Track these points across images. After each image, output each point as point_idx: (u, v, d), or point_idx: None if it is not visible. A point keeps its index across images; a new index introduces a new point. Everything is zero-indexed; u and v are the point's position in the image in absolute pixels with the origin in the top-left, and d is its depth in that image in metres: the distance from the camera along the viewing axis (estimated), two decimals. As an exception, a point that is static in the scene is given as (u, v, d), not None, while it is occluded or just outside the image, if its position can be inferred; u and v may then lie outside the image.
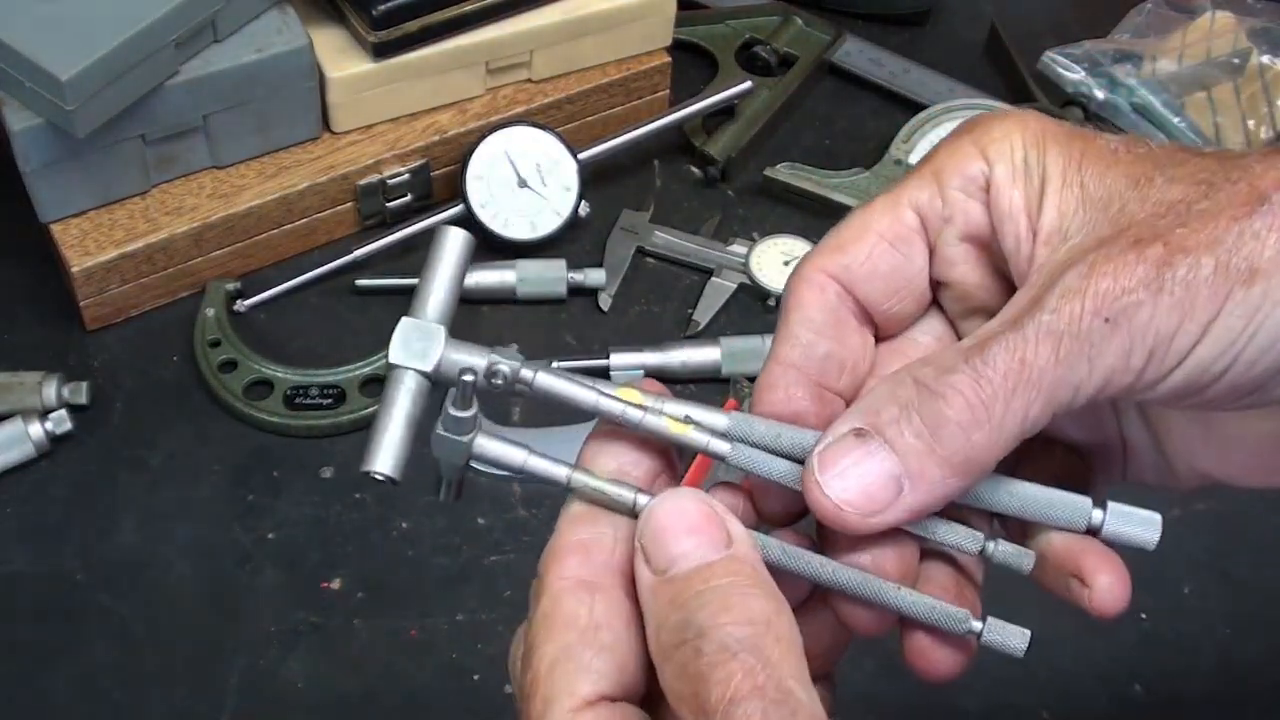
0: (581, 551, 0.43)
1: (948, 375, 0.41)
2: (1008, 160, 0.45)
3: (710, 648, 0.38)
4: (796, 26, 1.22)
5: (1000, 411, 0.40)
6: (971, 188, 0.46)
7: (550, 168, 1.07)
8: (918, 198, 0.47)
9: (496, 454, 0.45)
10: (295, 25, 1.00)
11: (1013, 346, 0.40)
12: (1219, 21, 1.24)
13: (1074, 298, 0.40)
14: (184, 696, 0.85)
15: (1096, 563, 0.44)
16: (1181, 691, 0.87)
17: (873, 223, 0.47)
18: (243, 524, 0.92)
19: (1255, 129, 1.20)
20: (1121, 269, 0.40)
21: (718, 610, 0.39)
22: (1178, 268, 0.40)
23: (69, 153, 0.94)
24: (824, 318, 0.46)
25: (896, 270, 0.47)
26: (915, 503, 0.42)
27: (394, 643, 0.87)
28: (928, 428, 0.41)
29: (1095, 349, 0.40)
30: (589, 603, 0.42)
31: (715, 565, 0.41)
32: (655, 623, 0.41)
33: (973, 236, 0.46)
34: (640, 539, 0.42)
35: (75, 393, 0.95)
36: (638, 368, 0.99)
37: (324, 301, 1.05)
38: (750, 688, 0.37)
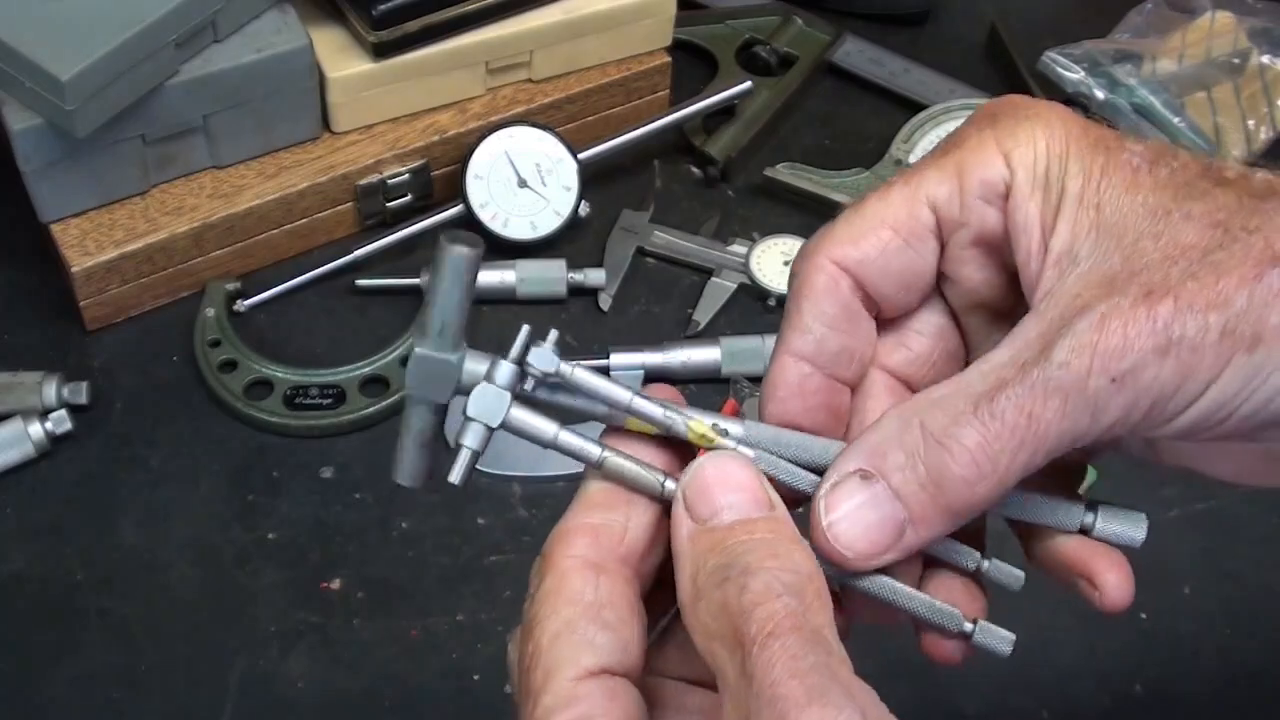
0: (591, 534, 0.44)
1: (955, 428, 0.42)
2: (1029, 169, 0.45)
3: (756, 585, 0.39)
4: (796, 26, 1.22)
5: (1005, 464, 0.41)
6: (990, 194, 0.46)
7: (550, 168, 1.07)
8: (936, 194, 0.47)
9: (530, 426, 0.46)
10: (295, 25, 1.00)
11: (1021, 401, 0.41)
12: (1219, 21, 1.24)
13: (1084, 353, 0.41)
14: (184, 696, 0.85)
15: (1104, 564, 0.46)
16: (1181, 691, 0.87)
17: (888, 215, 0.47)
18: (243, 524, 0.92)
19: (1255, 129, 1.20)
20: (1131, 326, 0.40)
21: (765, 556, 0.40)
22: (1186, 328, 0.40)
23: (69, 153, 0.94)
24: (837, 311, 0.47)
25: (908, 266, 0.47)
26: (916, 543, 0.43)
27: (394, 643, 0.87)
28: (932, 480, 0.42)
29: (1100, 407, 0.41)
30: (594, 582, 0.43)
31: (758, 521, 0.42)
32: (692, 566, 0.42)
33: (984, 241, 0.47)
34: (684, 490, 0.43)
35: (75, 393, 0.95)
36: (638, 367, 0.99)
37: (324, 301, 1.05)
38: (791, 625, 0.38)
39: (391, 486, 0.45)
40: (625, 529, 0.45)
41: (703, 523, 0.42)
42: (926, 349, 0.50)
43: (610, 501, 0.45)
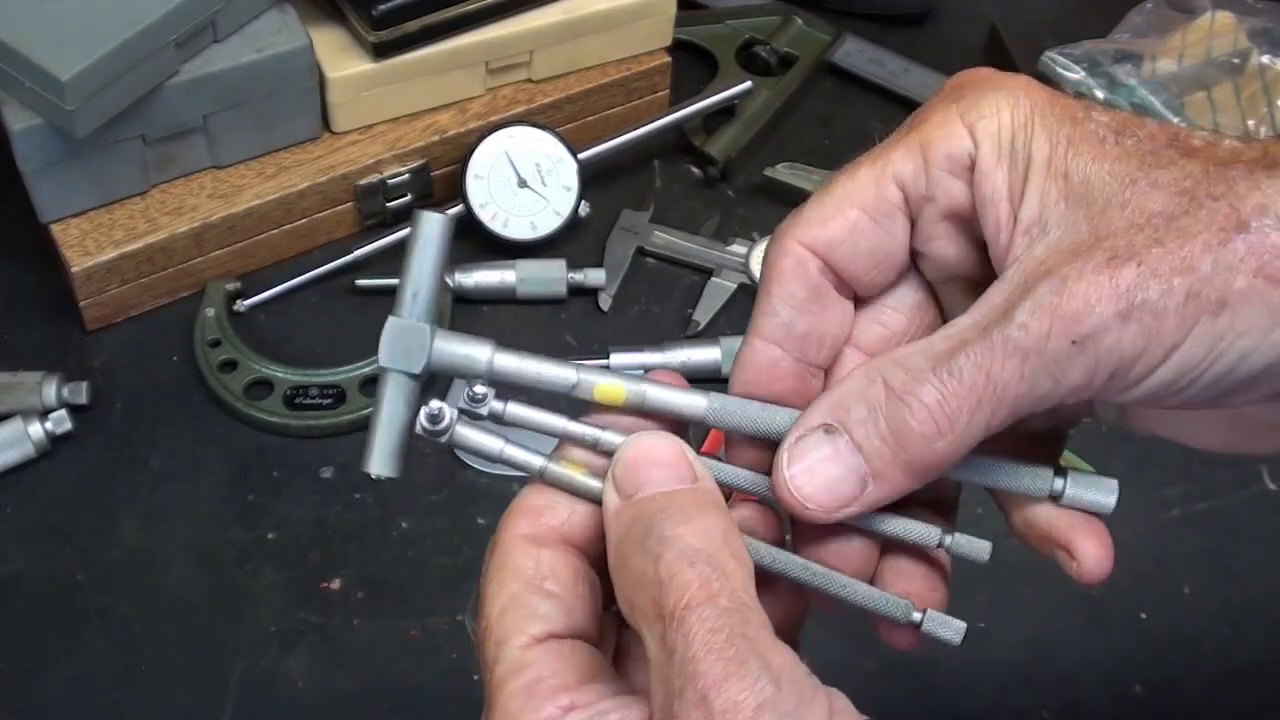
0: (534, 514, 0.46)
1: (915, 384, 0.42)
2: (994, 140, 0.45)
3: (670, 554, 0.40)
4: (796, 26, 1.22)
5: (964, 423, 0.42)
6: (956, 167, 0.46)
7: (550, 168, 1.07)
8: (902, 171, 0.47)
9: (475, 442, 0.47)
10: (295, 25, 1.00)
11: (979, 360, 0.41)
12: (1219, 21, 1.24)
13: (1044, 315, 0.41)
14: (184, 696, 0.85)
15: (1082, 534, 0.46)
16: (1181, 691, 0.87)
17: (855, 195, 0.47)
18: (243, 524, 0.92)
19: (1255, 129, 1.20)
20: (1093, 290, 0.41)
21: (679, 521, 0.41)
22: (1149, 292, 0.40)
23: (69, 153, 0.94)
24: (806, 294, 0.47)
25: (878, 245, 0.47)
26: (877, 498, 0.44)
27: (394, 643, 0.87)
28: (892, 434, 0.42)
29: (1060, 368, 0.41)
30: (535, 556, 0.45)
31: (680, 492, 0.43)
32: (616, 538, 0.43)
33: (954, 214, 0.46)
34: (612, 470, 0.44)
35: (75, 393, 0.95)
36: (638, 367, 0.99)
37: (324, 301, 1.05)
38: (706, 595, 0.39)
39: (391, 486, 0.46)
40: (569, 510, 0.46)
41: (628, 498, 0.43)
42: (902, 325, 0.50)
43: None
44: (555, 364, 0.46)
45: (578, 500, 0.46)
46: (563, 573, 0.45)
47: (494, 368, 0.46)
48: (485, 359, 0.46)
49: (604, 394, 0.46)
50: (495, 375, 0.46)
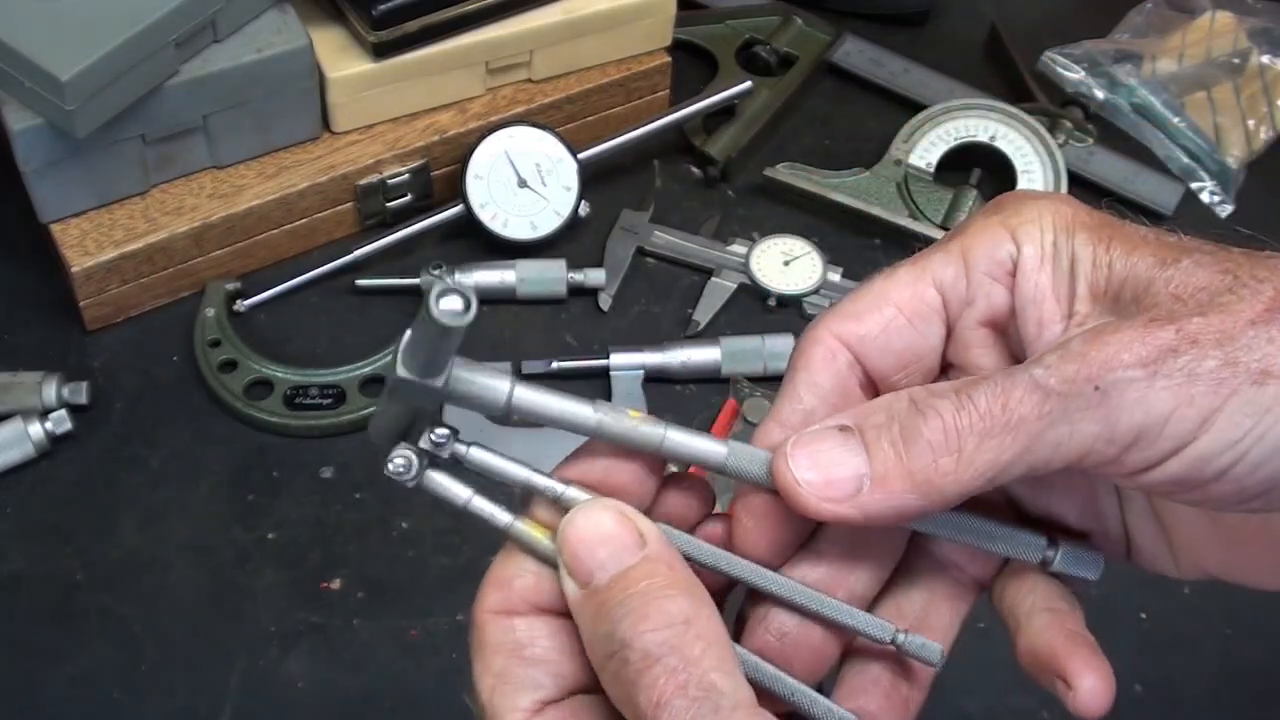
0: (504, 587, 0.46)
1: (935, 399, 0.42)
2: (1036, 243, 0.44)
3: (635, 656, 0.40)
4: (796, 26, 1.22)
5: (972, 446, 0.41)
6: (998, 271, 0.45)
7: (550, 168, 1.07)
8: (942, 275, 0.46)
9: (443, 490, 0.47)
10: (295, 25, 1.00)
11: (999, 390, 0.41)
12: (1219, 21, 1.25)
13: (1072, 360, 0.40)
14: (184, 696, 0.85)
15: (1081, 665, 0.45)
16: (1181, 691, 0.87)
17: (893, 294, 0.46)
18: (243, 524, 0.92)
19: (1255, 129, 1.20)
20: (1125, 343, 0.40)
21: (637, 620, 0.41)
22: (1181, 355, 0.39)
23: (69, 153, 0.94)
24: (830, 384, 0.46)
25: (911, 345, 0.46)
26: (870, 505, 0.42)
27: (394, 643, 0.87)
28: (903, 439, 0.42)
29: (1079, 413, 0.40)
30: (511, 627, 0.45)
31: (632, 571, 0.42)
32: (587, 636, 0.43)
33: (993, 321, 0.46)
34: (560, 556, 0.44)
35: (75, 393, 0.95)
36: (638, 367, 0.99)
37: (324, 301, 1.05)
38: (674, 688, 0.39)
39: (391, 486, 0.46)
40: (536, 576, 0.46)
41: (585, 588, 0.43)
42: None
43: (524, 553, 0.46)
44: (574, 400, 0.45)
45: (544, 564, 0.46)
46: (542, 636, 0.45)
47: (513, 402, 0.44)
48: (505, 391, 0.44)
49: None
50: (514, 409, 0.45)
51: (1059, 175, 1.11)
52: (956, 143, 1.13)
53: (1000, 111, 1.14)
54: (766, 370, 1.00)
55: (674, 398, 1.00)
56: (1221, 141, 1.18)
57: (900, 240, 1.10)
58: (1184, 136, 1.18)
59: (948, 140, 1.13)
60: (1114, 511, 0.49)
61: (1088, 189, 1.15)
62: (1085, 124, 1.16)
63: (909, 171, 1.12)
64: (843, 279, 1.06)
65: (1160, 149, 1.19)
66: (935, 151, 1.13)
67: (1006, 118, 1.14)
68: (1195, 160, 1.18)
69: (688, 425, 0.46)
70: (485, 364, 0.44)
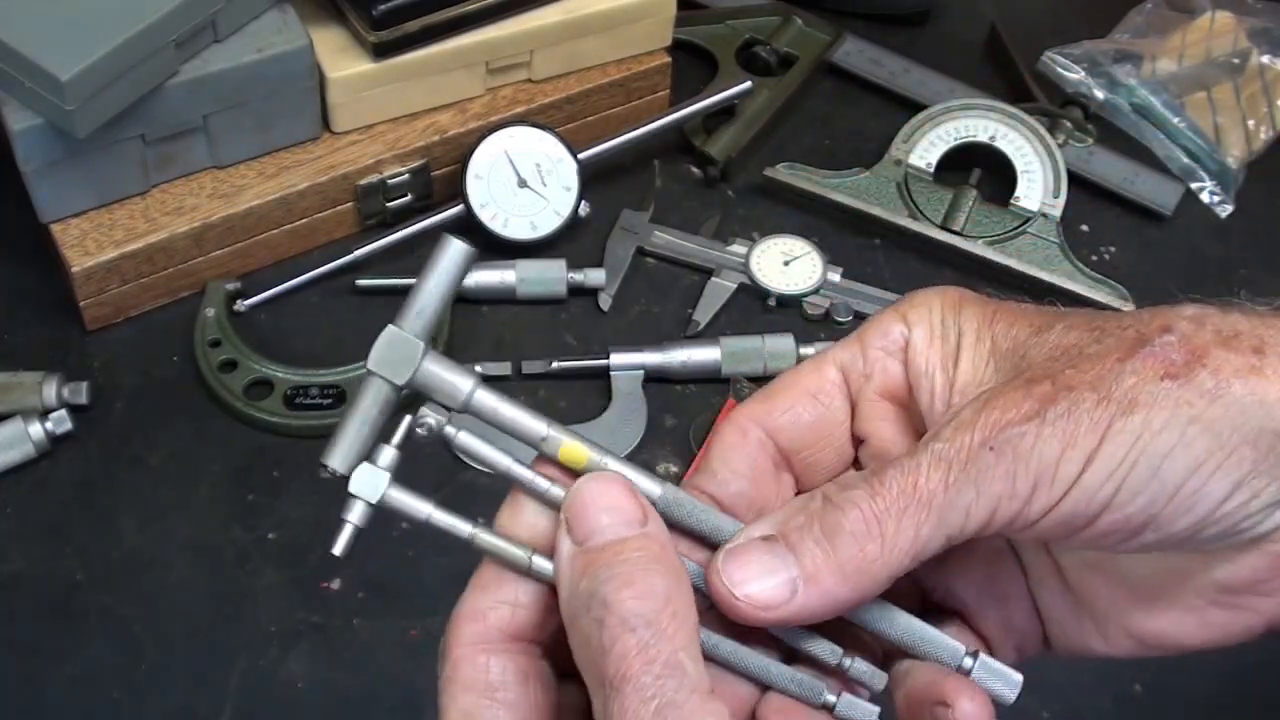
0: (479, 620, 0.47)
1: (848, 491, 0.44)
2: (926, 323, 0.48)
3: (612, 620, 0.42)
4: (796, 26, 1.22)
5: (893, 528, 0.43)
6: (892, 348, 0.49)
7: (550, 168, 1.07)
8: (841, 357, 0.50)
9: (404, 505, 0.48)
10: (295, 25, 1.00)
11: (906, 470, 0.43)
12: (1219, 21, 1.25)
13: (965, 429, 0.43)
14: (184, 696, 0.85)
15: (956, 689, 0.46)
16: (1181, 691, 0.87)
17: (800, 379, 0.50)
18: (243, 524, 0.92)
19: (1255, 129, 1.20)
20: (1009, 404, 0.43)
21: (622, 584, 0.42)
22: (1060, 402, 0.42)
23: (69, 153, 0.94)
24: (741, 458, 0.49)
25: (818, 421, 0.50)
26: (806, 604, 0.44)
27: (394, 643, 0.87)
28: (826, 536, 0.44)
29: (981, 475, 0.43)
30: (485, 665, 0.46)
31: (629, 541, 0.44)
32: (567, 589, 0.44)
33: (891, 394, 0.49)
34: (565, 512, 0.46)
35: (75, 393, 0.95)
36: (638, 367, 0.99)
37: (324, 301, 1.05)
38: (642, 663, 0.41)
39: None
40: (514, 606, 0.47)
41: (580, 543, 0.45)
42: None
43: (499, 582, 0.48)
44: (530, 415, 0.47)
45: (520, 590, 0.47)
46: (512, 679, 0.46)
47: (472, 402, 0.47)
48: (466, 390, 0.47)
49: (567, 455, 0.47)
50: (471, 409, 0.47)
51: (1059, 175, 1.11)
52: (956, 143, 1.13)
53: (1000, 111, 1.14)
54: (766, 370, 1.00)
55: (674, 398, 1.00)
56: (1221, 141, 1.18)
57: (900, 240, 1.10)
58: (1184, 136, 1.18)
59: (948, 140, 1.13)
60: (1020, 593, 0.51)
61: (1088, 189, 1.15)
62: (1085, 124, 1.16)
63: (909, 171, 1.12)
64: (843, 279, 1.06)
65: (1160, 149, 1.19)
66: (935, 151, 1.13)
67: (1006, 118, 1.14)
68: (1195, 160, 1.18)
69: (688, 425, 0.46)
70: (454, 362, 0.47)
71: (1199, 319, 0.43)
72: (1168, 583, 0.47)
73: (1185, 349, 0.42)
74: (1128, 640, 0.49)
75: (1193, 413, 0.42)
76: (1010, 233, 1.09)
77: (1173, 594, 0.47)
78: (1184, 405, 0.42)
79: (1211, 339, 0.43)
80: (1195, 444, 0.42)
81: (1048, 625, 0.51)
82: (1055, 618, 0.51)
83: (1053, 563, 0.50)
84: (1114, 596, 0.49)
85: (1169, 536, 0.43)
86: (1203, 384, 0.42)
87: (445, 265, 0.47)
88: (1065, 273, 1.07)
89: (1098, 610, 0.49)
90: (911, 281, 1.08)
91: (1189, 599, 0.47)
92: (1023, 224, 1.10)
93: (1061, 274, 1.07)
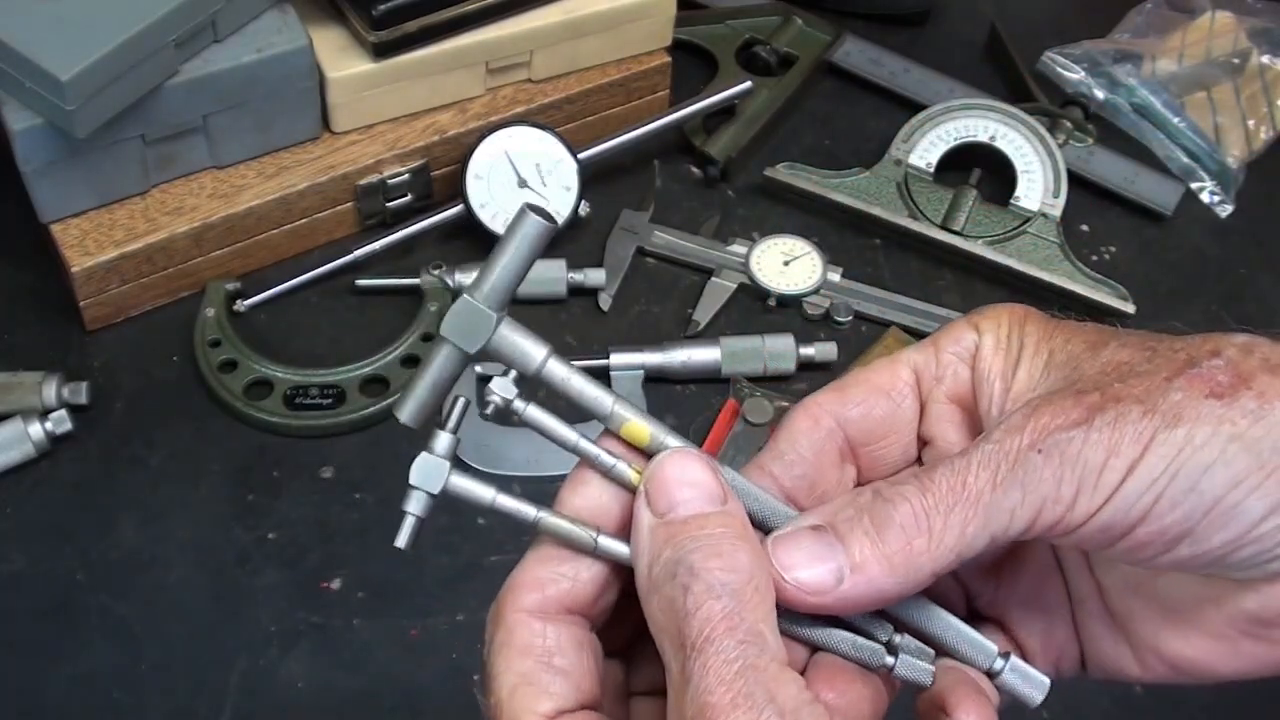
0: (538, 588, 0.47)
1: (898, 486, 0.45)
2: (994, 333, 0.50)
3: (699, 587, 0.43)
4: (796, 26, 1.22)
5: (940, 524, 0.44)
6: (963, 353, 0.51)
7: (550, 168, 1.07)
8: (916, 358, 0.52)
9: (467, 491, 0.48)
10: (295, 25, 1.00)
11: (956, 469, 0.45)
12: (1219, 21, 1.25)
13: (1015, 432, 0.45)
14: (184, 696, 0.85)
15: (966, 700, 0.47)
16: (1182, 691, 0.87)
17: (875, 375, 0.52)
18: (243, 524, 0.92)
19: (1255, 129, 1.20)
20: (1059, 410, 0.45)
21: (709, 554, 0.44)
22: (1107, 411, 0.44)
23: (69, 153, 0.94)
24: (808, 443, 0.51)
25: (889, 417, 0.51)
26: (852, 592, 0.45)
27: (394, 643, 0.87)
28: (875, 527, 0.45)
29: (1029, 477, 0.44)
30: (542, 631, 0.47)
31: (711, 516, 0.45)
32: (648, 558, 0.45)
33: (959, 398, 0.51)
34: (645, 484, 0.46)
35: (75, 393, 0.95)
36: (638, 367, 0.99)
37: (324, 301, 1.05)
38: (726, 628, 0.42)
39: (391, 486, 0.46)
40: (573, 580, 0.48)
41: (661, 516, 0.45)
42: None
43: (559, 558, 0.48)
44: (599, 388, 0.48)
45: (580, 565, 0.48)
46: (568, 647, 0.47)
47: (544, 371, 0.47)
48: (539, 359, 0.47)
49: (630, 431, 0.48)
50: (542, 378, 0.48)
51: (1059, 175, 1.11)
52: (956, 143, 1.13)
53: (1000, 111, 1.14)
54: (766, 370, 1.00)
55: (674, 398, 1.00)
56: (1221, 141, 1.18)
57: (900, 240, 1.10)
58: (1184, 136, 1.18)
59: (948, 140, 1.13)
60: (1063, 609, 0.53)
61: (1088, 189, 1.15)
62: (1085, 124, 1.16)
63: (909, 171, 1.12)
64: (843, 279, 1.06)
65: (1160, 149, 1.19)
66: (935, 151, 1.13)
67: (1006, 118, 1.14)
68: (1195, 160, 1.18)
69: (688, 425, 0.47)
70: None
71: (1248, 347, 0.45)
72: (1202, 609, 0.48)
73: (1232, 372, 0.44)
74: (1162, 666, 0.51)
75: (1234, 430, 0.43)
76: (1010, 233, 1.09)
77: (1207, 621, 0.49)
78: (1226, 423, 0.43)
79: (1259, 365, 0.44)
80: (1236, 461, 0.43)
81: (1085, 645, 0.53)
82: (1093, 637, 0.52)
83: (1095, 582, 0.52)
84: (1151, 619, 0.50)
85: (1204, 552, 0.44)
86: (1246, 405, 0.43)
87: (521, 239, 0.47)
88: (1065, 273, 1.07)
89: (1134, 633, 0.51)
90: (911, 281, 1.08)
91: (1222, 628, 0.49)
92: (1023, 224, 1.10)
93: (1061, 274, 1.07)
